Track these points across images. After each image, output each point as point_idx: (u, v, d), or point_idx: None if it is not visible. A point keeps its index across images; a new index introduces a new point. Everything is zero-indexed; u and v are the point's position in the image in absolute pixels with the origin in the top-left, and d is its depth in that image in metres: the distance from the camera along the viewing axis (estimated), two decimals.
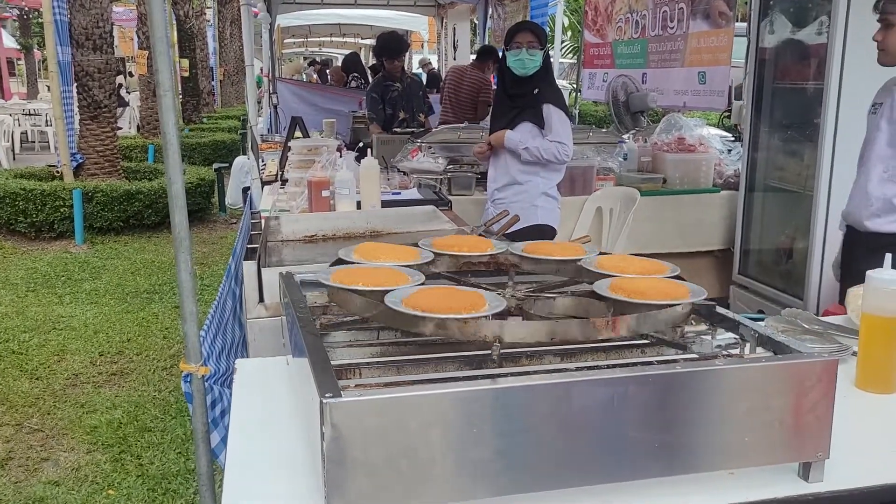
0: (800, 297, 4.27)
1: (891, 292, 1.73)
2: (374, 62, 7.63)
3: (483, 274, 1.88)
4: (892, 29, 2.79)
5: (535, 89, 3.82)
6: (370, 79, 12.58)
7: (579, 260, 1.76)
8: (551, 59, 4.16)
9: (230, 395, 2.20)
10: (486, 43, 9.73)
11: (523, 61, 3.78)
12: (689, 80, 6.07)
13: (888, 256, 1.83)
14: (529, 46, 3.76)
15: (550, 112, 3.77)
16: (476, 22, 11.25)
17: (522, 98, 3.85)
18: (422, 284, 1.58)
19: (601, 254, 1.82)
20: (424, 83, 9.51)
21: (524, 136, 3.81)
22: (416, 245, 1.88)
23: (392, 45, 6.92)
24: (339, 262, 1.77)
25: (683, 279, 1.64)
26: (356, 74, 11.70)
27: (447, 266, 1.85)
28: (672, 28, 6.33)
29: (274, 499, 1.34)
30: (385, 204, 3.60)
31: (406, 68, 7.35)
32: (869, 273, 1.78)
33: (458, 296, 1.50)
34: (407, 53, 7.69)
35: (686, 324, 1.55)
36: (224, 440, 2.14)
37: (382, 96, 6.81)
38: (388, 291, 1.51)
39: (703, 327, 1.59)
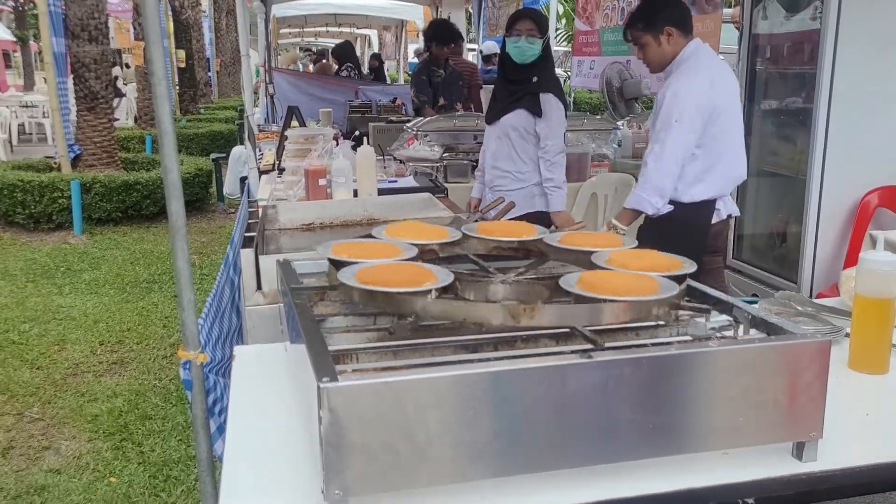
0: (794, 281, 4.28)
1: (883, 274, 1.74)
2: (424, 46, 7.68)
3: (506, 259, 1.91)
4: (647, 47, 3.36)
5: (535, 77, 3.82)
6: (362, 69, 12.59)
7: (593, 253, 1.74)
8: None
9: (224, 384, 2.22)
10: (469, 29, 9.71)
11: (522, 49, 3.77)
12: None
13: (881, 237, 1.85)
14: (529, 34, 3.76)
15: (550, 102, 3.77)
16: (471, 11, 11.21)
17: (522, 84, 3.85)
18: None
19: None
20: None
21: (517, 124, 3.81)
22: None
23: (445, 32, 7.01)
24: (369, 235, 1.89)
25: (690, 277, 1.63)
26: (350, 64, 11.68)
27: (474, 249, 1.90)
28: None
29: (274, 484, 1.35)
30: (382, 192, 3.61)
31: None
32: (862, 255, 1.79)
33: (408, 271, 1.56)
34: (459, 45, 7.77)
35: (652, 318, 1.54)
36: (219, 429, 2.16)
37: (429, 79, 6.89)
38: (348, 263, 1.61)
39: (696, 309, 1.60)
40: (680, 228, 3.22)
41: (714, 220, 3.35)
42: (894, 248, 2.00)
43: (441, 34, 6.93)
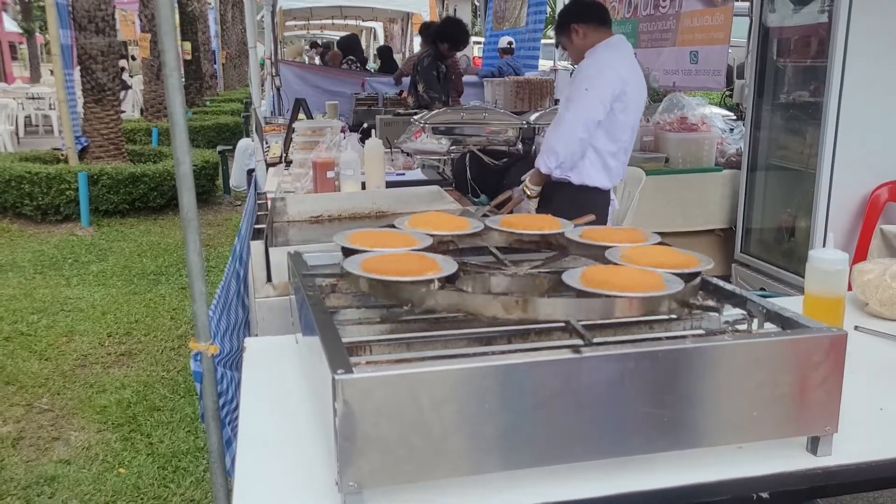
0: (802, 275, 4.26)
1: (833, 273, 1.74)
2: (425, 40, 7.73)
3: (524, 251, 1.94)
4: (568, 48, 3.68)
5: None
6: (366, 61, 12.59)
7: (608, 248, 1.75)
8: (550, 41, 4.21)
9: (231, 377, 2.22)
10: (475, 24, 9.78)
11: None
12: (681, 60, 6.03)
13: (830, 235, 1.84)
14: None
15: None
16: (476, 3, 11.18)
17: None
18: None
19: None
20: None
21: None
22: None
23: (461, 36, 7.02)
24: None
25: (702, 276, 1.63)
26: (352, 58, 11.69)
27: (496, 241, 1.92)
28: (664, 7, 6.28)
29: (287, 475, 1.35)
30: (390, 185, 3.61)
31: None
32: (812, 253, 1.79)
33: (411, 261, 1.58)
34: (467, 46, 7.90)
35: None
36: (222, 423, 2.16)
37: (437, 75, 6.95)
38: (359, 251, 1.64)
39: (710, 303, 1.60)
40: (577, 214, 3.36)
41: (609, 210, 3.65)
42: None
43: (457, 38, 6.95)
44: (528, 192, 3.53)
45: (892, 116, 4.03)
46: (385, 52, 13.22)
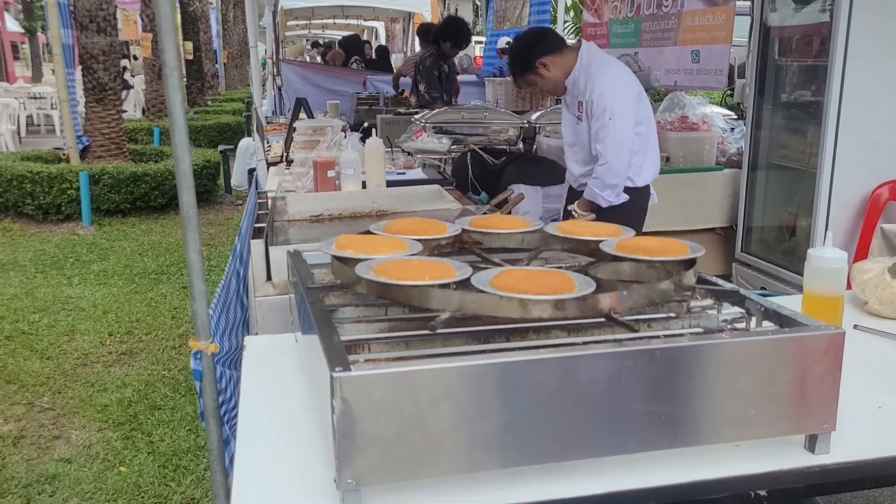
0: (802, 275, 4.26)
1: (832, 271, 1.74)
2: (426, 39, 7.74)
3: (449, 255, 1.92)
4: (537, 83, 3.63)
5: None
6: (371, 56, 12.61)
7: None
8: None
9: (230, 375, 2.23)
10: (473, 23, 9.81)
11: None
12: (682, 59, 6.02)
13: (829, 234, 1.85)
14: None
15: None
16: (478, 3, 11.17)
17: None
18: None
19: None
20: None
21: None
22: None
23: (463, 35, 7.08)
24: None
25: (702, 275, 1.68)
26: (357, 57, 11.73)
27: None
28: (667, 6, 6.27)
29: (286, 473, 1.36)
30: (390, 184, 3.61)
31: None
32: (811, 252, 1.79)
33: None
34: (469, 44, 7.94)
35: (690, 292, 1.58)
36: (221, 421, 2.16)
37: (439, 75, 6.97)
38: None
39: (708, 301, 1.60)
40: (622, 213, 3.37)
41: (649, 204, 3.66)
42: None
43: (459, 37, 6.97)
44: (579, 216, 3.49)
45: (893, 116, 4.03)
46: (382, 52, 13.26)
